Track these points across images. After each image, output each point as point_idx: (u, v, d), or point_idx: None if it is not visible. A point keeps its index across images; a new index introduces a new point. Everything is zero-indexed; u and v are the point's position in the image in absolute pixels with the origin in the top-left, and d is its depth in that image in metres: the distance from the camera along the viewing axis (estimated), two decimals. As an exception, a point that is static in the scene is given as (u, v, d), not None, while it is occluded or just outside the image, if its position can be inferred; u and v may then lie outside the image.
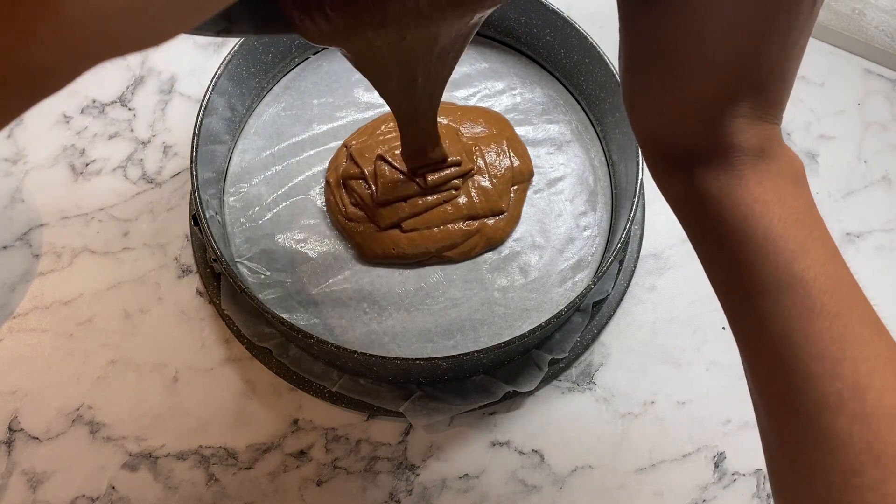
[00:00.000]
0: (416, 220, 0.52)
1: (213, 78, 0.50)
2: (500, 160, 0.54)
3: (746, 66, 0.25)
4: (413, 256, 0.51)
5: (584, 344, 0.52)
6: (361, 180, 0.53)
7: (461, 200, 0.53)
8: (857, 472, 0.24)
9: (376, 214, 0.52)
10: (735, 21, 0.24)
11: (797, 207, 0.27)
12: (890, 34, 0.63)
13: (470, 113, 0.57)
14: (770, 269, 0.26)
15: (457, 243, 0.52)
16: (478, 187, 0.53)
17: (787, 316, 0.25)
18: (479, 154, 0.54)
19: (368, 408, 0.49)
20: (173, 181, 0.56)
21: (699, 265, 0.32)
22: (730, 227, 0.27)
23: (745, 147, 0.27)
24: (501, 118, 0.57)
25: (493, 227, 0.53)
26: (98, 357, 0.50)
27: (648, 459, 0.50)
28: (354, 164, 0.53)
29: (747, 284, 0.27)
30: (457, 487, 0.48)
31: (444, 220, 0.52)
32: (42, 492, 0.47)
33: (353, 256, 0.52)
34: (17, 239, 0.53)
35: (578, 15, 0.54)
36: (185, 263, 0.53)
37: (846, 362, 0.24)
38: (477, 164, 0.54)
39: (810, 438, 0.25)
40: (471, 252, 0.52)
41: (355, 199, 0.53)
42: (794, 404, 0.25)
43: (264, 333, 0.49)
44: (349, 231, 0.52)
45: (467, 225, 0.52)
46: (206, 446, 0.48)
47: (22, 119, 0.57)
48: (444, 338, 0.50)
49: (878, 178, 0.60)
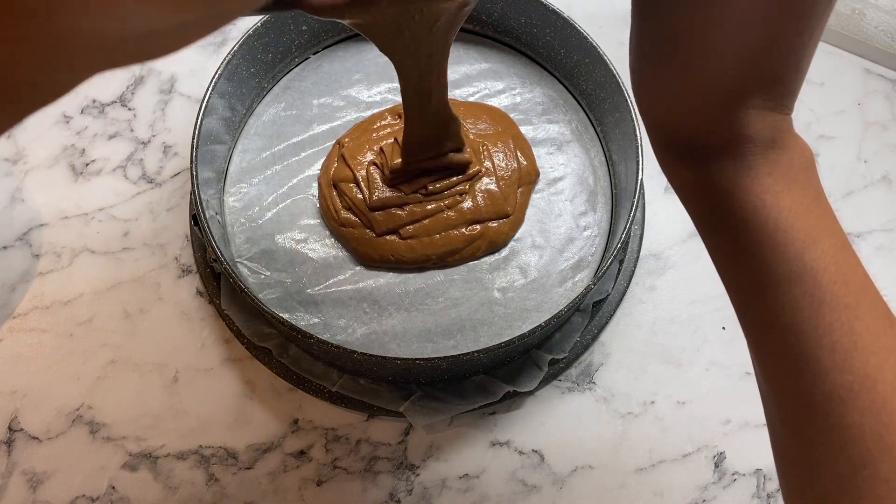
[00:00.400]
0: (415, 227, 0.51)
1: (213, 78, 0.50)
2: (508, 161, 0.54)
3: (762, 57, 0.25)
4: (413, 263, 0.51)
5: (584, 344, 0.52)
6: (353, 184, 0.52)
7: (466, 205, 0.52)
8: (868, 465, 0.23)
9: (371, 220, 0.51)
10: (753, 10, 0.24)
11: (807, 197, 0.26)
12: (890, 34, 0.63)
13: (473, 109, 0.56)
14: (780, 259, 0.26)
15: (458, 249, 0.51)
16: (484, 191, 0.52)
17: (796, 307, 0.25)
18: (486, 155, 0.53)
19: (368, 408, 0.49)
20: (173, 181, 0.56)
21: (699, 265, 0.31)
22: (739, 218, 0.27)
23: (756, 138, 0.26)
24: (505, 115, 0.57)
25: (497, 230, 0.52)
26: (98, 357, 0.50)
27: (648, 459, 0.50)
28: (346, 165, 0.52)
29: (757, 275, 0.26)
30: (457, 487, 0.48)
31: (446, 227, 0.51)
32: (42, 492, 0.47)
33: (353, 257, 0.52)
34: (17, 239, 0.53)
35: (578, 15, 0.54)
36: (185, 263, 0.53)
37: (857, 354, 0.24)
38: (484, 166, 0.53)
39: (820, 431, 0.25)
40: (472, 257, 0.52)
41: (347, 203, 0.52)
42: (804, 396, 0.25)
43: (264, 333, 0.49)
44: (343, 236, 0.52)
45: (470, 230, 0.52)
46: (206, 446, 0.48)
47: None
48: (444, 338, 0.50)
49: (878, 178, 0.60)
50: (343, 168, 0.53)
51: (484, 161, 0.53)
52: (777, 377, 0.27)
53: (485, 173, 0.53)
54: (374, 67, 0.58)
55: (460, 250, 0.51)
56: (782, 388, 0.27)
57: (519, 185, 0.54)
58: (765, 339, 0.27)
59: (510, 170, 0.54)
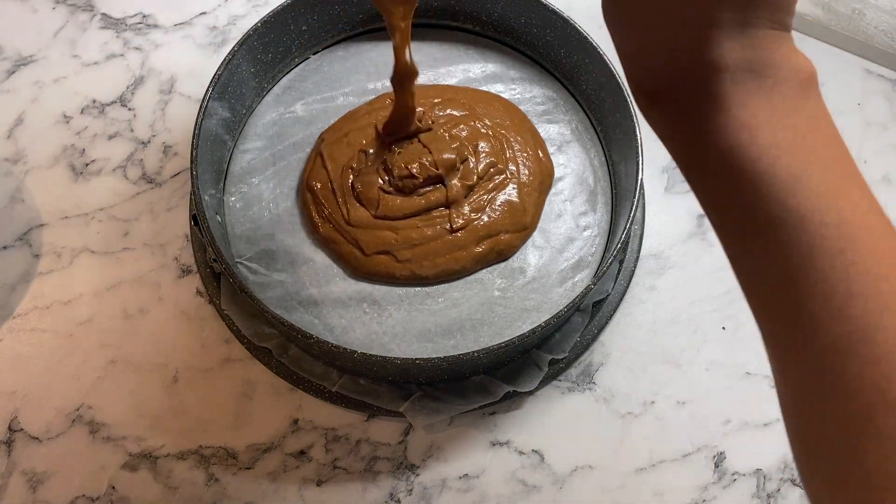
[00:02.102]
0: (413, 250, 0.49)
1: (213, 78, 0.50)
2: (530, 163, 0.51)
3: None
4: (411, 280, 0.50)
5: (584, 344, 0.52)
6: (331, 193, 0.49)
7: (480, 222, 0.49)
8: (871, 419, 0.21)
9: (358, 240, 0.49)
10: None
11: (796, 127, 0.23)
12: (890, 34, 0.63)
13: (483, 96, 0.55)
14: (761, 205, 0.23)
15: (466, 269, 0.50)
16: (504, 202, 0.50)
17: (785, 256, 0.23)
18: (510, 157, 0.51)
19: (368, 408, 0.49)
20: (173, 181, 0.56)
21: (699, 265, 0.30)
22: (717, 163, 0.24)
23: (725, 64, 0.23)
24: (514, 106, 0.55)
25: (509, 242, 0.51)
26: (98, 357, 0.50)
27: (648, 459, 0.50)
28: (323, 166, 0.50)
29: (742, 224, 0.24)
30: (457, 487, 0.48)
31: (452, 248, 0.49)
32: (42, 492, 0.47)
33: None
34: (17, 239, 0.53)
35: (578, 15, 0.54)
36: (185, 263, 0.53)
37: (854, 301, 0.22)
38: (508, 170, 0.51)
39: (821, 386, 0.23)
40: (476, 271, 0.51)
41: (325, 214, 0.50)
42: (801, 351, 0.23)
43: (264, 333, 0.49)
44: (330, 250, 0.50)
45: (480, 247, 0.49)
46: (206, 446, 0.48)
47: (22, 119, 0.57)
48: (444, 338, 0.50)
49: (878, 178, 0.60)
50: (319, 169, 0.51)
51: (508, 165, 0.51)
52: (773, 333, 0.25)
53: (508, 179, 0.51)
54: (374, 68, 0.58)
55: (467, 270, 0.50)
56: (779, 344, 0.24)
57: (539, 190, 0.52)
58: (757, 293, 0.25)
59: (532, 173, 0.52)
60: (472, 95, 0.56)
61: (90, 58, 0.60)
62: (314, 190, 0.51)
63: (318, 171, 0.52)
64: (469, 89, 0.57)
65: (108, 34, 0.61)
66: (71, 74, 0.59)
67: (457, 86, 0.57)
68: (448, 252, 0.50)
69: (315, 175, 0.52)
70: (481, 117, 0.54)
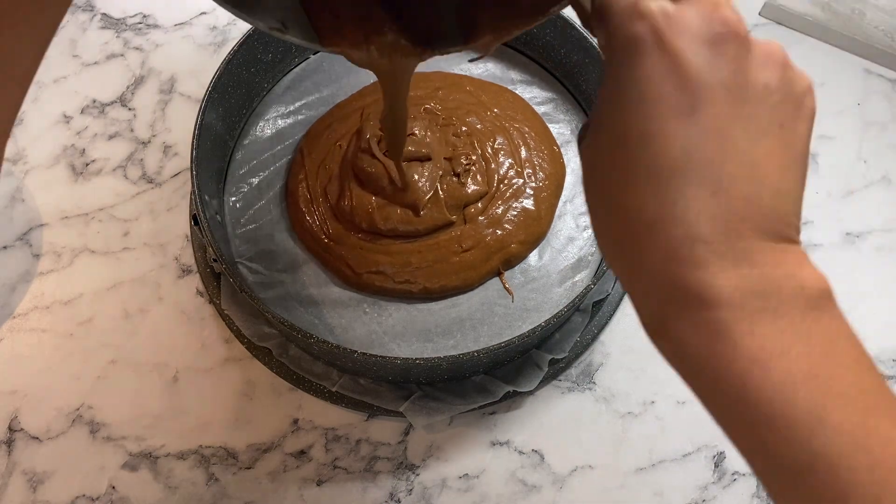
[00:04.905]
0: (413, 273, 0.48)
1: (213, 78, 0.50)
2: (547, 165, 0.50)
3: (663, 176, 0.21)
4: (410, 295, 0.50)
5: (584, 344, 0.52)
6: (310, 202, 0.48)
7: (490, 237, 0.47)
8: None
9: (343, 256, 0.48)
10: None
11: (810, 356, 0.21)
12: (890, 34, 0.63)
13: (489, 88, 0.54)
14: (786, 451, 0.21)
15: (472, 285, 0.49)
16: (521, 210, 0.48)
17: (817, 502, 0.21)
18: (527, 160, 0.49)
19: (368, 408, 0.49)
20: (173, 181, 0.56)
21: None
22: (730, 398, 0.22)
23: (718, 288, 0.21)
24: (521, 99, 0.54)
25: (518, 252, 0.50)
26: (98, 357, 0.50)
27: (648, 459, 0.50)
28: (303, 166, 0.48)
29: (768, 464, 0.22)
30: (457, 487, 0.48)
31: (460, 269, 0.48)
32: (42, 492, 0.47)
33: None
34: (17, 239, 0.53)
35: (578, 15, 0.54)
36: (185, 263, 0.53)
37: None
38: (525, 173, 0.50)
39: None
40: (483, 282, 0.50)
41: (306, 225, 0.49)
42: None
43: (264, 333, 0.49)
44: (320, 261, 0.49)
45: (491, 262, 0.48)
46: (206, 446, 0.48)
47: (22, 119, 0.57)
48: (444, 338, 0.50)
49: (878, 178, 0.60)
50: (300, 170, 0.50)
51: (525, 166, 0.50)
52: None
53: (525, 183, 0.50)
54: (374, 67, 0.58)
55: (473, 286, 0.49)
56: None
57: (556, 195, 0.51)
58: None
59: (548, 175, 0.51)
60: (477, 84, 0.55)
61: (90, 58, 0.60)
62: (294, 194, 0.51)
63: (298, 168, 0.51)
64: (473, 78, 0.56)
65: (109, 34, 0.61)
66: (71, 74, 0.59)
67: (459, 73, 0.57)
68: (455, 273, 0.49)
69: (294, 173, 0.51)
70: (490, 107, 0.53)
